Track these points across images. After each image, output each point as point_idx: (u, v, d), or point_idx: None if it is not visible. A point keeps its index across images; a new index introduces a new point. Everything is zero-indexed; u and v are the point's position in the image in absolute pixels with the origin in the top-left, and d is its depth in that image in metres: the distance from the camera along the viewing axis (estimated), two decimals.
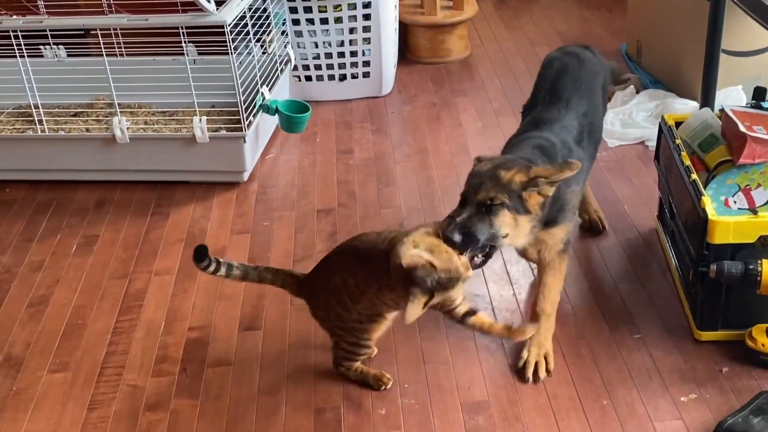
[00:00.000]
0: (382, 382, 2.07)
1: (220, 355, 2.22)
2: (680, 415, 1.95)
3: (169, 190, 2.99)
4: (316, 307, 2.06)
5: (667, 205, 2.42)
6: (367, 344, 2.05)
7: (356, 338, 2.03)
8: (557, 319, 2.26)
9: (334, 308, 2.00)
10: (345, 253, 2.02)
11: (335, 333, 2.05)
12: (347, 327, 2.01)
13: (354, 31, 3.47)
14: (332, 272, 2.00)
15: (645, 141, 3.07)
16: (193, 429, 2.01)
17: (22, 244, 2.74)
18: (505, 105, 3.40)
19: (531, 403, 2.01)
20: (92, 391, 2.13)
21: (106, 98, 3.20)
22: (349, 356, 2.07)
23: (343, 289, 1.97)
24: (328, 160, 3.15)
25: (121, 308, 2.42)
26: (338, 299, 1.98)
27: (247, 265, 2.09)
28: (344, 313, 1.99)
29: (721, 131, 2.28)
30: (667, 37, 3.35)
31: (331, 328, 2.05)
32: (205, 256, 2.02)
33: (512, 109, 3.32)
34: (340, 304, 1.98)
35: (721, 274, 2.01)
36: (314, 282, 2.05)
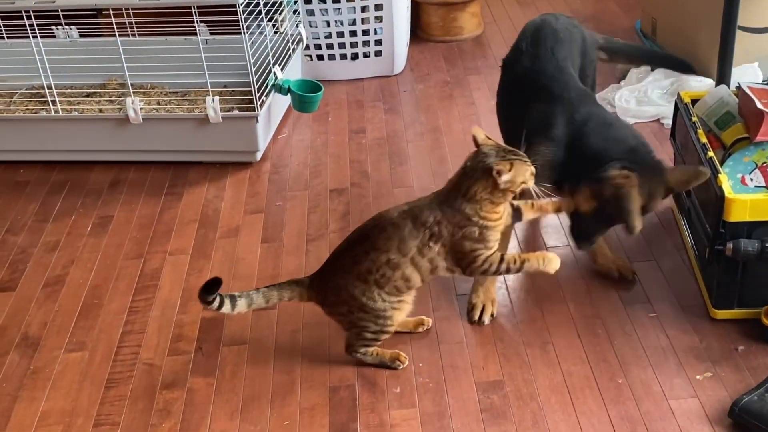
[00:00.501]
0: (399, 361, 2.08)
1: (235, 334, 2.23)
2: (696, 394, 1.95)
3: (182, 171, 2.99)
4: (334, 305, 2.03)
5: None
6: (391, 329, 2.04)
7: (380, 325, 2.01)
8: (572, 297, 2.26)
9: (358, 300, 1.97)
10: (366, 236, 1.98)
11: (357, 325, 2.02)
12: (372, 317, 1.99)
13: (366, 9, 3.45)
14: (357, 261, 1.97)
15: (660, 119, 3.05)
16: (209, 407, 2.02)
17: (37, 225, 2.76)
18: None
19: (546, 382, 2.01)
20: (109, 370, 2.15)
21: (118, 79, 3.20)
22: (370, 343, 2.06)
23: (370, 274, 1.95)
24: (340, 139, 3.14)
25: (137, 288, 2.43)
26: (364, 289, 1.96)
27: (249, 292, 2.03)
28: (369, 303, 1.97)
29: (738, 108, 2.26)
30: (682, 13, 3.31)
31: (353, 320, 2.02)
32: (215, 291, 1.96)
33: None
34: (365, 294, 1.97)
35: (737, 253, 2.00)
36: (330, 280, 2.02)
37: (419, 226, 1.95)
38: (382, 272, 1.95)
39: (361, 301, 1.98)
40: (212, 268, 2.48)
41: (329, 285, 2.02)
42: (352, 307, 2.00)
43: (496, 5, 4.19)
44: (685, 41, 3.31)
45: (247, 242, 2.60)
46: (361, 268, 1.96)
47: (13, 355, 2.22)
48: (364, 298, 1.98)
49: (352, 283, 1.98)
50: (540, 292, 2.30)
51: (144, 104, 3.02)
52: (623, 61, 3.10)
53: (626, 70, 3.30)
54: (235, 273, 2.46)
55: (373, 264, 1.95)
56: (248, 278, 2.44)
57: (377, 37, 3.50)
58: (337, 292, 2.01)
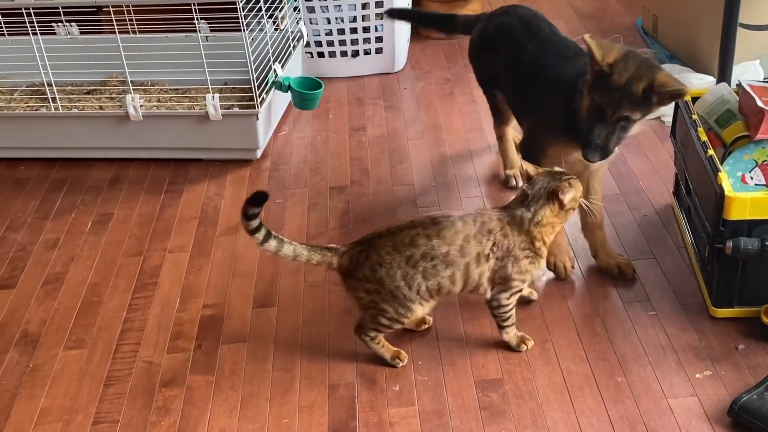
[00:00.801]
0: (399, 359, 2.08)
1: (234, 332, 2.23)
2: (695, 392, 1.95)
3: (182, 168, 2.99)
4: (364, 280, 1.97)
5: (683, 181, 2.40)
6: (406, 321, 2.03)
7: (400, 315, 1.99)
8: (571, 295, 2.26)
9: (395, 282, 1.94)
10: (434, 222, 1.95)
11: (377, 307, 1.99)
12: (397, 303, 1.97)
13: (366, 6, 3.45)
14: (414, 244, 1.93)
15: (661, 116, 3.05)
16: (208, 405, 2.02)
17: (37, 222, 2.76)
18: None
19: (545, 380, 2.01)
20: (108, 368, 2.15)
21: (119, 76, 3.20)
22: (381, 329, 2.03)
23: (424, 260, 1.92)
24: (340, 137, 3.14)
25: (136, 285, 2.43)
26: (407, 273, 1.93)
27: (283, 239, 1.99)
28: (403, 288, 1.95)
29: (738, 106, 2.25)
30: (684, 10, 3.31)
31: (375, 301, 1.98)
32: (261, 205, 1.91)
33: None
34: (405, 279, 1.94)
35: (737, 251, 1.99)
36: (372, 253, 1.96)
37: (486, 233, 1.95)
38: (435, 263, 1.93)
39: (397, 284, 1.94)
40: (212, 266, 2.48)
41: (368, 258, 1.96)
42: (382, 287, 1.95)
43: (497, 2, 4.18)
44: (686, 38, 3.31)
45: (247, 240, 2.56)
46: (416, 252, 1.93)
47: (12, 353, 2.22)
48: (403, 282, 1.94)
49: (398, 263, 1.94)
50: (539, 290, 2.30)
51: (144, 101, 3.02)
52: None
53: None
54: (235, 271, 2.46)
55: (430, 251, 1.93)
56: (248, 275, 2.43)
57: (378, 35, 3.50)
58: (374, 269, 1.95)
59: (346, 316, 2.25)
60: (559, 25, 3.79)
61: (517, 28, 2.48)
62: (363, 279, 1.98)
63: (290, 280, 2.40)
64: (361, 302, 2.03)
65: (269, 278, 2.42)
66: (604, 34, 3.70)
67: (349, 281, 2.01)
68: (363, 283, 1.98)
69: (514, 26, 2.50)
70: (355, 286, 2.01)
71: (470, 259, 1.95)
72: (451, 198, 2.72)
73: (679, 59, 3.34)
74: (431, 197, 2.73)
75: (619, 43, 2.14)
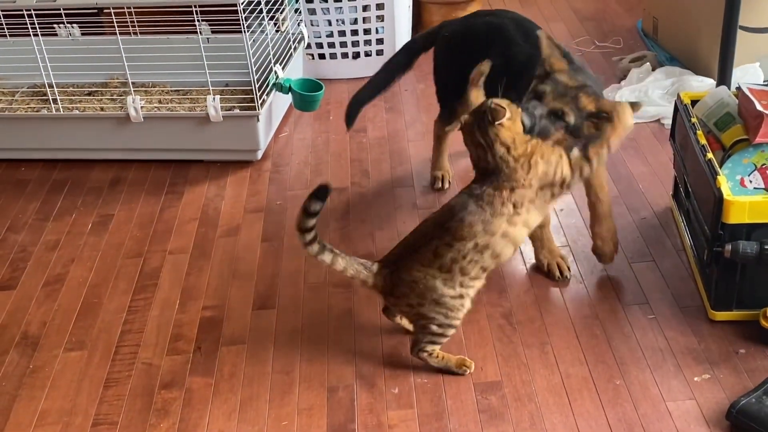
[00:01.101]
0: (465, 366, 2.05)
1: (234, 334, 2.24)
2: (693, 396, 1.95)
3: (183, 169, 3.00)
4: (405, 296, 1.97)
5: (682, 184, 2.41)
6: (456, 323, 2.00)
7: (450, 318, 1.98)
8: (570, 298, 2.27)
9: (437, 291, 1.93)
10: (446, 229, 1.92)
11: (426, 317, 1.97)
12: (444, 308, 1.96)
13: (367, 8, 3.45)
14: (439, 255, 1.92)
15: (661, 119, 3.05)
16: (208, 407, 2.03)
17: (37, 223, 2.76)
18: None
19: (544, 383, 2.01)
20: (108, 369, 2.15)
21: (120, 77, 3.20)
22: (436, 339, 2.01)
23: (456, 263, 1.91)
24: (341, 138, 3.14)
25: (136, 287, 2.44)
26: (446, 279, 1.93)
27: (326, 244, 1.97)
28: (448, 293, 1.94)
29: (738, 110, 2.25)
30: (684, 13, 3.31)
31: (422, 312, 1.97)
32: (324, 199, 1.88)
33: None
34: (447, 284, 1.94)
35: (736, 254, 2.00)
36: (404, 273, 1.96)
37: (499, 206, 1.91)
38: (470, 258, 1.92)
39: (440, 293, 1.94)
40: (212, 268, 2.49)
41: (402, 278, 1.96)
42: (425, 299, 1.95)
43: (498, 5, 4.18)
44: (686, 41, 3.31)
45: (248, 241, 2.60)
46: (445, 260, 1.92)
47: (12, 354, 2.22)
48: (445, 288, 1.94)
49: (433, 275, 1.93)
50: (538, 293, 2.30)
51: (145, 103, 3.02)
52: None
53: (627, 70, 3.30)
54: (235, 272, 2.46)
55: (458, 253, 1.91)
56: (248, 277, 2.44)
57: (378, 36, 3.50)
58: (412, 286, 1.95)
59: (345, 318, 2.26)
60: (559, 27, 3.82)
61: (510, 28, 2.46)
62: (403, 296, 1.98)
63: (290, 281, 2.41)
64: (408, 316, 2.04)
65: (269, 280, 2.42)
66: (604, 36, 3.70)
67: (390, 299, 2.03)
68: (404, 299, 1.99)
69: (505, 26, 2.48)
70: (397, 303, 2.02)
71: (504, 229, 1.92)
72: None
73: (679, 61, 3.34)
74: (431, 199, 2.74)
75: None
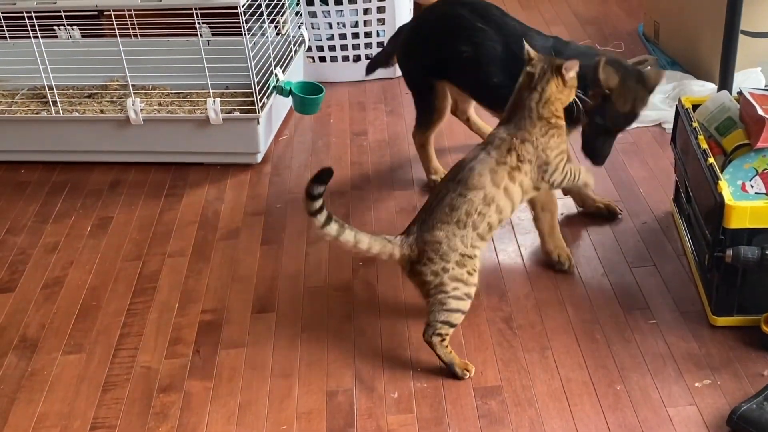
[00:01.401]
0: (467, 371, 2.06)
1: (233, 337, 2.23)
2: (694, 401, 1.94)
3: (183, 172, 2.99)
4: (431, 262, 1.99)
5: (683, 189, 2.40)
6: (472, 293, 2.02)
7: (468, 284, 2.01)
8: (571, 302, 2.26)
9: (458, 249, 1.98)
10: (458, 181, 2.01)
11: (445, 289, 2.00)
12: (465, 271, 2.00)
13: (368, 11, 3.45)
14: (455, 207, 1.99)
15: (662, 123, 3.05)
16: (206, 411, 2.02)
17: (36, 226, 2.76)
18: None
19: (544, 388, 2.01)
20: (106, 373, 2.15)
21: (120, 79, 3.20)
22: (452, 319, 2.02)
23: (469, 216, 1.98)
24: (341, 141, 3.14)
25: (135, 290, 2.43)
26: (464, 236, 1.99)
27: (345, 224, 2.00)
28: (467, 252, 1.99)
29: (739, 114, 2.25)
30: (685, 17, 3.31)
31: (444, 282, 1.99)
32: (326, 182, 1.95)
33: None
34: (464, 242, 1.99)
35: (737, 260, 1.99)
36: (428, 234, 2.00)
37: (505, 152, 2.02)
38: (479, 210, 1.99)
39: (461, 252, 1.99)
40: (211, 271, 2.48)
41: (427, 241, 2.00)
42: (449, 261, 1.98)
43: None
44: (687, 45, 3.30)
45: (247, 244, 2.60)
46: (461, 214, 1.98)
47: (11, 357, 2.22)
48: (463, 246, 1.99)
49: (452, 232, 1.98)
50: (539, 297, 2.29)
51: (145, 105, 3.02)
52: None
53: None
54: (235, 275, 2.46)
55: (471, 205, 1.99)
56: (247, 280, 2.43)
57: (379, 39, 3.50)
58: (437, 247, 1.99)
59: (345, 321, 2.25)
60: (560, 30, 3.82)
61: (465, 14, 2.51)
62: (429, 262, 2.00)
63: (289, 285, 2.40)
64: (429, 288, 2.02)
65: (268, 283, 2.42)
66: (606, 40, 3.69)
67: (416, 267, 2.02)
68: (430, 266, 2.00)
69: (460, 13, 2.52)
70: (422, 271, 2.01)
71: (505, 183, 2.02)
72: None
73: (681, 66, 3.33)
74: None
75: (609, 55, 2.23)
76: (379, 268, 2.44)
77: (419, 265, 2.01)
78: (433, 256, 1.99)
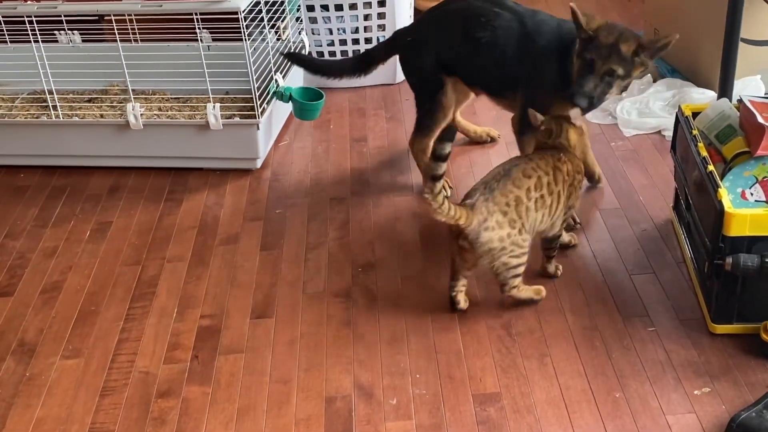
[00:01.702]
0: (541, 296, 2.26)
1: (231, 343, 2.23)
2: (693, 409, 1.94)
3: (182, 177, 2.99)
4: (500, 226, 2.12)
5: (682, 196, 2.40)
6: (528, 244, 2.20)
7: (525, 245, 2.17)
8: (570, 309, 2.26)
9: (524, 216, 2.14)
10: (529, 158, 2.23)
11: (509, 251, 2.14)
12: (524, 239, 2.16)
13: (369, 17, 3.45)
14: (528, 175, 2.16)
15: (662, 130, 3.05)
16: (204, 416, 2.01)
17: (35, 230, 2.75)
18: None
19: (543, 395, 2.00)
20: (104, 378, 2.14)
21: (120, 84, 3.20)
22: (519, 270, 2.19)
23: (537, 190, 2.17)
24: (341, 147, 3.14)
25: (134, 295, 2.43)
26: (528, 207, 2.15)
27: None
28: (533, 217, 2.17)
29: (739, 122, 2.25)
30: (685, 25, 3.31)
31: (506, 248, 2.13)
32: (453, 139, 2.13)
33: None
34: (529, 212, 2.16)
35: (736, 267, 1.99)
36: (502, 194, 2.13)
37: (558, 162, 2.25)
38: (541, 193, 2.17)
39: (531, 216, 2.16)
40: (210, 276, 2.48)
41: (498, 201, 2.12)
42: (521, 216, 2.14)
43: None
44: (687, 53, 3.30)
45: (246, 250, 2.59)
46: (530, 183, 2.16)
47: (9, 362, 2.21)
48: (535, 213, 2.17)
49: (523, 197, 2.14)
50: (538, 304, 2.29)
51: (145, 110, 3.02)
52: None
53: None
54: (233, 281, 2.46)
55: (539, 181, 2.17)
56: (246, 286, 2.43)
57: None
58: (514, 202, 2.14)
59: (344, 327, 2.25)
60: None
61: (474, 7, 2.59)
62: (499, 226, 2.12)
63: (289, 290, 2.40)
64: (492, 254, 2.13)
65: (267, 288, 2.42)
66: None
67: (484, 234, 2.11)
68: (498, 231, 2.12)
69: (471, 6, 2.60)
70: (489, 239, 2.11)
71: (560, 189, 2.21)
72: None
73: (681, 74, 3.33)
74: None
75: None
76: (378, 274, 2.44)
77: (488, 233, 2.11)
78: (506, 210, 2.13)
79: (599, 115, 3.15)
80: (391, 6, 3.42)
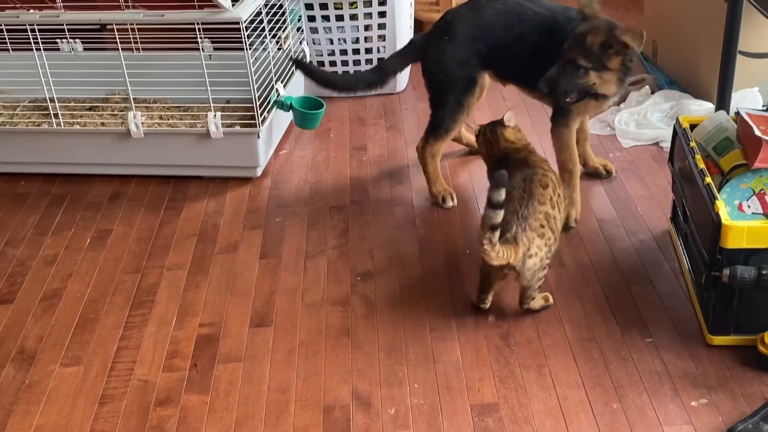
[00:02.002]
0: (550, 302, 2.30)
1: (230, 351, 2.23)
2: (690, 420, 1.95)
3: (182, 185, 3.00)
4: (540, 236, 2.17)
5: (680, 208, 2.41)
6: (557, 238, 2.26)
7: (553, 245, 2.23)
8: (568, 319, 2.27)
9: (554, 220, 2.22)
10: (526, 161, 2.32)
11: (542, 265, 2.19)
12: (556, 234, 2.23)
13: (369, 28, 3.47)
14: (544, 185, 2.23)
15: (659, 142, 3.06)
16: (203, 425, 2.02)
17: (36, 238, 2.76)
18: (519, 103, 3.39)
19: (541, 406, 2.01)
20: (103, 386, 2.15)
21: (121, 92, 3.21)
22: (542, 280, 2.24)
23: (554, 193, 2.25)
24: (341, 156, 3.15)
25: (133, 303, 2.43)
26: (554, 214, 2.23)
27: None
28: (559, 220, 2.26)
29: (737, 135, 2.26)
30: (684, 37, 3.33)
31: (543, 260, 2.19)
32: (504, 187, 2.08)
33: (526, 107, 3.31)
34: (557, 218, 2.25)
35: (734, 279, 2.00)
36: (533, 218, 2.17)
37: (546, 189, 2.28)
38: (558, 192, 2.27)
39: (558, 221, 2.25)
40: (209, 284, 2.49)
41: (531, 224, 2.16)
42: (549, 241, 2.19)
43: None
44: (685, 65, 3.32)
45: (246, 258, 2.60)
46: (550, 191, 2.23)
47: (8, 369, 2.22)
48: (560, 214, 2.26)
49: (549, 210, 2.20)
50: (536, 314, 2.29)
51: (146, 118, 3.03)
52: None
53: (626, 93, 3.31)
54: (233, 289, 2.46)
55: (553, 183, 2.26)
56: (245, 294, 2.44)
57: (380, 55, 3.52)
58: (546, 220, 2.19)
59: (342, 337, 2.25)
60: None
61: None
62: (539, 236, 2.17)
63: (287, 299, 2.41)
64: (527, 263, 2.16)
65: (266, 297, 2.42)
66: None
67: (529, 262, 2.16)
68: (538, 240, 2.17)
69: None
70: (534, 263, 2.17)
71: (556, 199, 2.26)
72: (449, 218, 2.73)
73: (679, 86, 3.35)
74: (430, 218, 2.74)
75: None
76: (377, 283, 2.45)
77: (531, 258, 2.16)
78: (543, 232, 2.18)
79: (597, 126, 3.16)
80: (391, 17, 3.44)
